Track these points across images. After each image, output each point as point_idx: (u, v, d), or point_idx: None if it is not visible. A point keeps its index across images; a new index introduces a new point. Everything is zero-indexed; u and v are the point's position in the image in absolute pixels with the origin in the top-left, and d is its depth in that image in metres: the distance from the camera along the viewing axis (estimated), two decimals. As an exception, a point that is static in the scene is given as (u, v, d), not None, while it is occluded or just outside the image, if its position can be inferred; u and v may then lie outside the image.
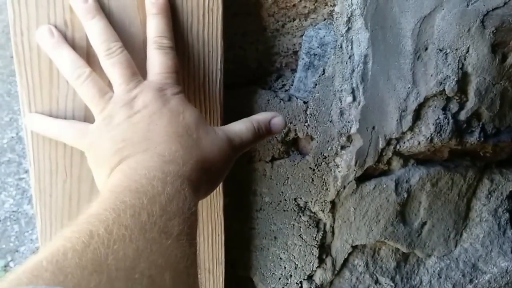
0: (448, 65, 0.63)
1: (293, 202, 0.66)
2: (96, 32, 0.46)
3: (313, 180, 0.65)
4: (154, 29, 0.48)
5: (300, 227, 0.67)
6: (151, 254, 0.34)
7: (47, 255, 0.31)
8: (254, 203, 0.65)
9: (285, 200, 0.66)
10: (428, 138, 0.66)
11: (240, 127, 0.49)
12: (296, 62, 0.62)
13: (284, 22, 0.61)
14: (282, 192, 0.65)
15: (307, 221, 0.67)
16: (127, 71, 0.46)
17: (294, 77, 0.62)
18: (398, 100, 0.64)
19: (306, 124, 0.63)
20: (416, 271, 0.76)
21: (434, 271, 0.76)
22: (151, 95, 0.45)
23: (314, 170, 0.65)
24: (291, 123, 0.62)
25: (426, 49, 0.63)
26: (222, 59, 0.54)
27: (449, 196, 0.73)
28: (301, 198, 0.66)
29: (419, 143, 0.67)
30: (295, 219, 0.67)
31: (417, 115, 0.66)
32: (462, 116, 0.67)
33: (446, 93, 0.65)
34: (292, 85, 0.62)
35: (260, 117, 0.51)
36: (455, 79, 0.64)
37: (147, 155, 0.42)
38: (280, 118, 0.51)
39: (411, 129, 0.66)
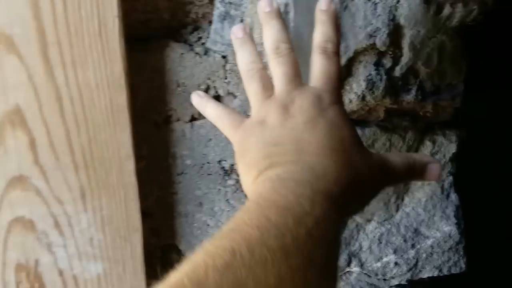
0: (378, 16, 0.59)
1: (218, 165, 0.62)
2: (271, 33, 0.48)
3: (237, 142, 0.62)
4: (321, 34, 0.48)
5: (227, 191, 0.64)
6: (293, 283, 0.32)
7: (189, 271, 0.30)
8: (174, 167, 0.61)
9: (209, 163, 0.62)
10: (359, 95, 0.63)
11: (396, 159, 0.47)
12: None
13: (196, -33, 0.56)
14: (204, 154, 0.61)
15: (234, 185, 0.63)
16: (291, 71, 0.46)
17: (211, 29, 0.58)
18: (325, 54, 0.60)
19: (226, 80, 0.59)
20: (355, 237, 0.73)
21: (374, 236, 0.73)
22: (309, 101, 0.44)
23: (238, 130, 0.61)
24: (209, 79, 0.58)
25: (353, -1, 0.59)
26: (119, 4, 0.49)
27: (387, 158, 0.70)
28: (225, 161, 0.62)
29: (350, 101, 0.63)
30: (220, 183, 0.63)
31: (348, 71, 0.62)
32: (397, 72, 0.64)
33: (378, 47, 0.61)
34: (209, 37, 0.58)
35: (418, 157, 0.50)
36: (386, 32, 0.60)
37: (298, 167, 0.40)
38: (438, 166, 0.49)
39: (342, 86, 0.62)
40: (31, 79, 0.50)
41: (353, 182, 0.41)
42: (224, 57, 0.58)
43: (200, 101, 0.53)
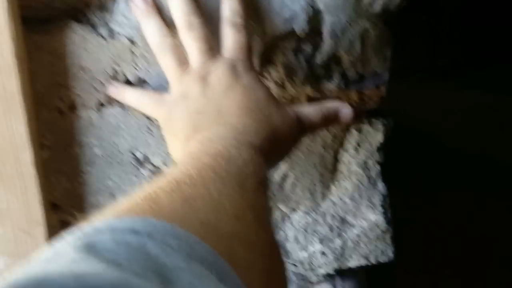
0: (295, 1, 0.57)
1: (130, 154, 0.60)
2: (180, 6, 0.49)
3: (150, 130, 0.59)
4: (229, 9, 0.50)
5: (141, 182, 0.61)
6: (233, 199, 0.36)
7: (140, 196, 0.32)
8: (82, 156, 0.58)
9: (120, 152, 0.59)
10: (278, 83, 0.61)
11: (309, 110, 0.52)
12: (120, -7, 0.55)
13: None
14: (114, 143, 0.58)
15: (149, 175, 0.61)
16: (205, 46, 0.49)
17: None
18: (241, 40, 0.58)
19: (135, 66, 0.56)
20: (281, 226, 0.72)
21: (300, 226, 0.72)
22: (225, 71, 0.48)
23: (151, 119, 0.58)
24: (116, 63, 0.55)
25: (270, -18, 0.56)
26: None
27: (312, 147, 0.69)
28: (138, 150, 0.60)
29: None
30: (133, 173, 0.60)
31: (266, 58, 0.60)
32: (318, 59, 0.62)
33: (297, 33, 0.59)
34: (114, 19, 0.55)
35: (330, 104, 0.55)
36: (305, 17, 0.58)
37: (222, 128, 0.45)
38: (350, 109, 0.55)
39: (260, 73, 0.60)
40: None
41: (272, 135, 0.46)
42: (131, 40, 0.55)
43: (117, 90, 0.54)
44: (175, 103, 0.48)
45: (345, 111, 0.54)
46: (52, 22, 0.53)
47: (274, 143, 0.47)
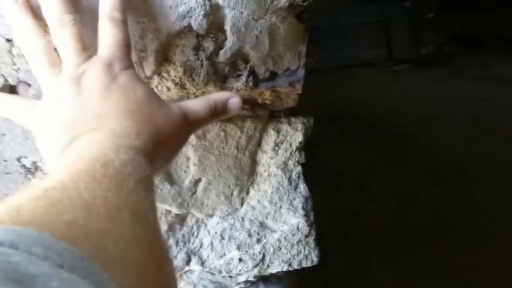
0: (190, -5, 0.54)
1: (17, 162, 0.55)
2: (50, 3, 0.45)
3: (37, 136, 0.55)
4: (106, 3, 0.47)
5: (32, 191, 0.57)
6: (108, 199, 0.34)
7: (6, 203, 0.30)
8: (-39, 166, 0.53)
9: (6, 160, 0.55)
10: (177, 83, 0.57)
11: (195, 104, 0.50)
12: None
13: None
14: (-2, 151, 0.54)
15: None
16: (78, 45, 0.45)
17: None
18: (133, 38, 0.54)
19: (14, 67, 0.52)
20: (195, 233, 0.69)
21: (216, 232, 0.69)
22: (99, 71, 0.45)
23: (36, 123, 0.54)
24: (-9, 66, 0.51)
25: (161, -25, 0.53)
26: None
27: (224, 149, 0.65)
28: (26, 158, 0.55)
29: (168, 89, 0.57)
30: (23, 182, 0.56)
31: (164, 56, 0.56)
32: (221, 57, 0.59)
33: (194, 29, 0.55)
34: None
35: (217, 96, 0.52)
36: (202, 12, 0.55)
37: (98, 133, 0.42)
38: (238, 98, 0.53)
39: (157, 72, 0.56)
40: None
41: (155, 134, 0.44)
42: (9, 40, 0.50)
43: None
44: (47, 110, 0.45)
45: (233, 101, 0.52)
46: None
47: (159, 142, 0.45)
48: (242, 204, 0.70)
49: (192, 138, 0.62)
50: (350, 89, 3.61)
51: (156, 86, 0.57)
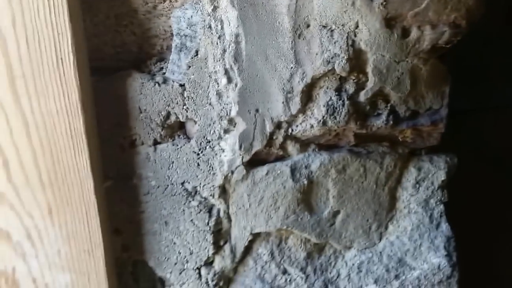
0: (335, 43, 0.58)
1: (181, 186, 0.65)
2: None
3: (198, 165, 0.64)
4: None
5: (191, 212, 0.66)
6: None
7: None
8: (140, 187, 0.65)
9: (172, 184, 0.65)
10: (320, 121, 0.62)
11: None
12: (175, 44, 0.61)
13: (154, 3, 0.60)
14: (168, 176, 0.64)
15: (198, 206, 0.66)
16: None
17: (169, 59, 0.61)
18: (281, 81, 0.60)
19: (184, 107, 0.62)
20: (333, 263, 0.72)
21: (353, 264, 0.71)
22: None
23: (198, 154, 0.63)
24: (168, 106, 0.61)
25: (308, 26, 0.59)
26: (73, 41, 0.54)
27: (363, 184, 0.68)
28: (188, 183, 0.65)
29: (312, 127, 0.63)
30: (184, 204, 0.66)
31: (308, 96, 0.62)
32: (362, 97, 0.62)
33: (337, 72, 0.60)
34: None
35: None
36: (345, 57, 0.59)
37: None
38: None
39: (302, 111, 0.62)
40: (2, 108, 0.57)
41: None
42: (181, 85, 0.61)
43: None
44: None
45: None
46: (117, 71, 0.61)
47: None
48: (380, 239, 0.71)
49: (332, 172, 0.66)
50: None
51: (301, 123, 0.63)
